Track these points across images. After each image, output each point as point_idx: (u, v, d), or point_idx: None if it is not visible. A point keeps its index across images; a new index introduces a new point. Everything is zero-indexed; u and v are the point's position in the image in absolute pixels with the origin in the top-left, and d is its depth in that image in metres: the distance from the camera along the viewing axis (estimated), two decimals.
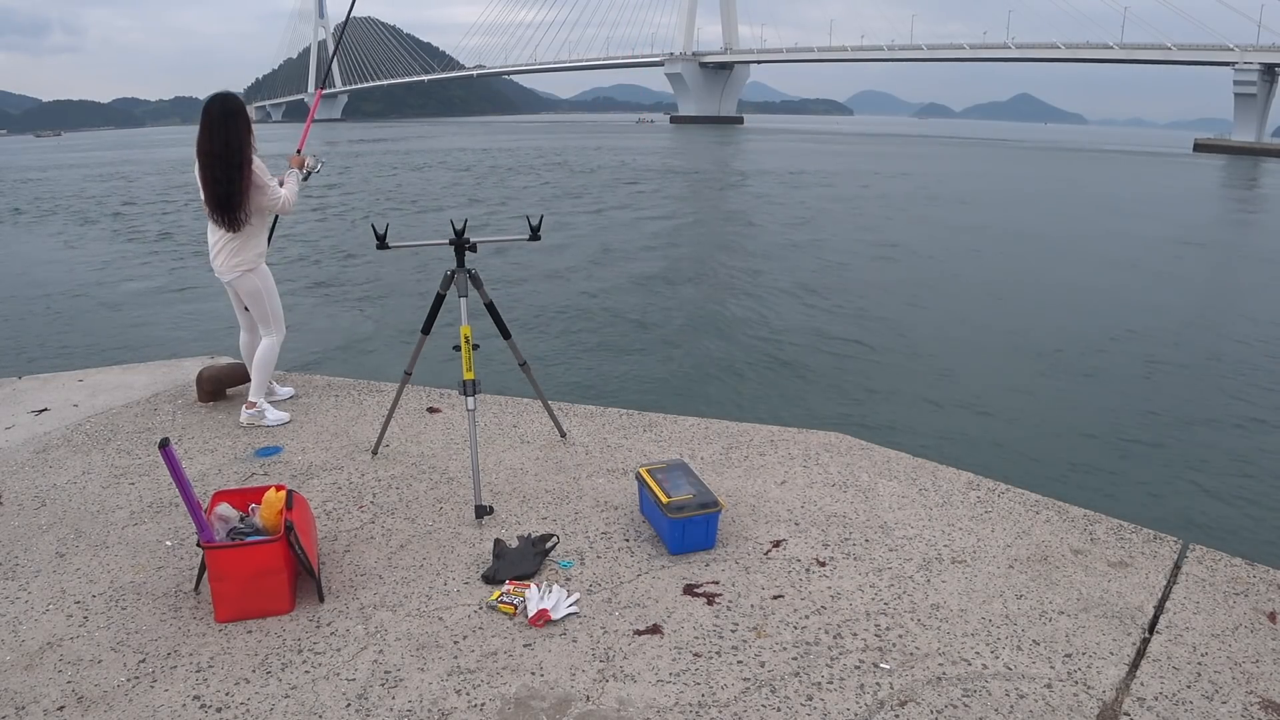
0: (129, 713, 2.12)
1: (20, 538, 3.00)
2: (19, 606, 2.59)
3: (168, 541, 2.97)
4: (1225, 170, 50.30)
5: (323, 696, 2.18)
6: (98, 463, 3.64)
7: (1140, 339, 10.56)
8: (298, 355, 9.50)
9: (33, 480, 3.47)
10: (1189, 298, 13.43)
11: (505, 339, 3.49)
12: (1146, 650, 2.40)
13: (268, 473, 3.53)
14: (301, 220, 21.35)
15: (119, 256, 17.09)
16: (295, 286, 13.65)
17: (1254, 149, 74.03)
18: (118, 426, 4.06)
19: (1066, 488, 5.31)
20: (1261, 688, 2.24)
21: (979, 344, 9.82)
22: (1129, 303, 12.64)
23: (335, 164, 43.73)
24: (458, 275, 3.28)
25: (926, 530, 3.06)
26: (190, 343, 10.06)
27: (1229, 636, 2.46)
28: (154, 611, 2.55)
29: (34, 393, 4.56)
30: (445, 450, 3.77)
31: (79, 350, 10.10)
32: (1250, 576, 2.79)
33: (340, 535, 3.01)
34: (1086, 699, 2.19)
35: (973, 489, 3.41)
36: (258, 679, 2.25)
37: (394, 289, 13.35)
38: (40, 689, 2.21)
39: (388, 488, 3.39)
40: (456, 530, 3.05)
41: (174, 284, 14.01)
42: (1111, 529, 3.09)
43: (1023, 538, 3.02)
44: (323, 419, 4.15)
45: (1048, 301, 12.63)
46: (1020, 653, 2.37)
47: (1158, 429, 7.55)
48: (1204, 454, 7.01)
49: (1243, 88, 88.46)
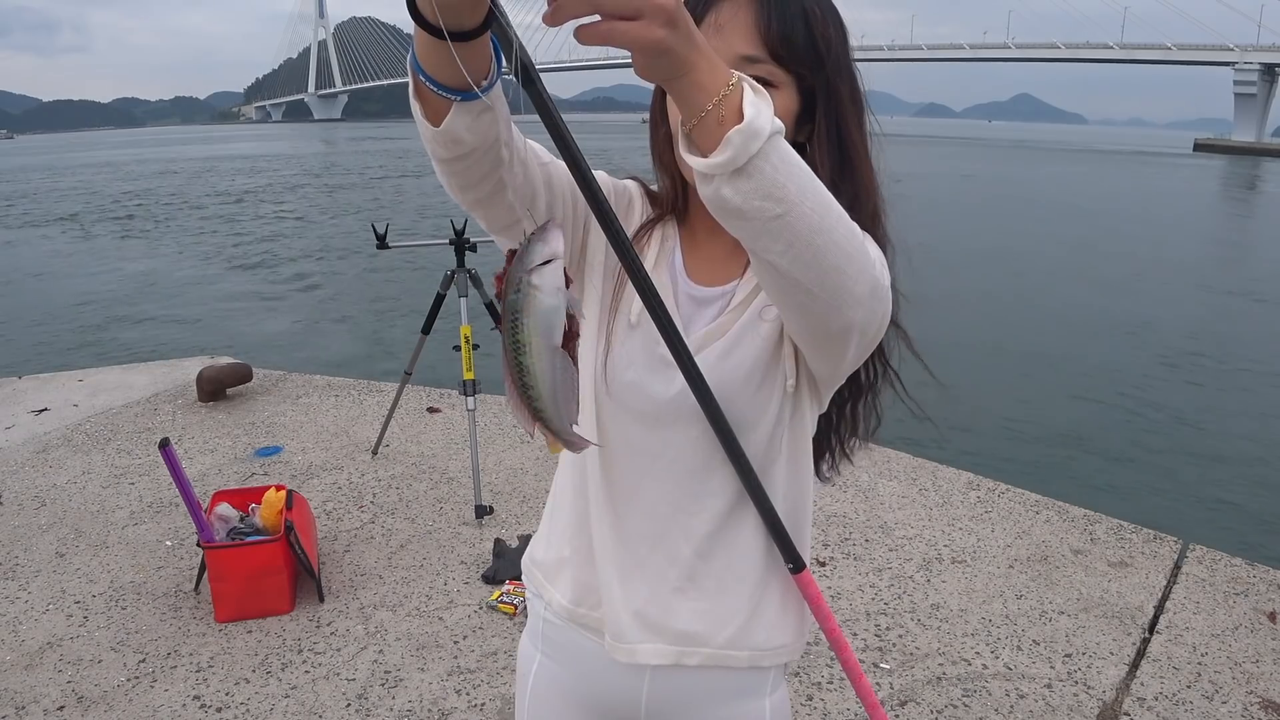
0: (129, 713, 2.12)
1: (20, 538, 3.00)
2: (19, 606, 2.59)
3: (168, 541, 2.97)
4: (1225, 171, 50.32)
5: (323, 696, 2.18)
6: (98, 463, 3.64)
7: (1140, 339, 10.57)
8: (298, 355, 9.50)
9: (33, 480, 3.47)
10: (1189, 297, 13.44)
11: None
12: (1146, 650, 2.40)
13: (268, 473, 3.53)
14: (302, 220, 21.37)
15: (119, 256, 17.11)
16: (295, 286, 13.66)
17: (1254, 149, 74.06)
18: (118, 426, 4.06)
19: (1066, 488, 5.30)
20: (1261, 688, 2.24)
21: (978, 343, 9.83)
22: (1128, 302, 12.65)
23: (336, 164, 43.77)
24: (458, 275, 3.28)
25: (926, 530, 3.06)
26: (190, 343, 10.06)
27: (1229, 636, 2.47)
28: (154, 611, 2.55)
29: (34, 393, 4.56)
30: (445, 450, 3.77)
31: (79, 350, 10.10)
32: (1250, 576, 2.79)
33: (340, 535, 3.01)
34: (1086, 699, 2.19)
35: (973, 489, 3.41)
36: (258, 679, 2.25)
37: (394, 289, 13.35)
38: (40, 689, 2.21)
39: (388, 488, 3.39)
40: (456, 530, 3.05)
41: (174, 284, 14.03)
42: (1111, 529, 3.09)
43: (1023, 538, 3.02)
44: (323, 419, 4.15)
45: (1047, 301, 12.64)
46: (1020, 653, 2.37)
47: (1158, 429, 7.55)
48: (1204, 454, 7.00)
49: (1243, 88, 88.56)
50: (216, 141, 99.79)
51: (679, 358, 0.84)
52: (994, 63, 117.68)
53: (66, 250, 17.91)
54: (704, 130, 0.68)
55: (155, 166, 46.32)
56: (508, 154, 0.79)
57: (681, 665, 0.96)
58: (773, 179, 0.68)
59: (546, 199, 0.87)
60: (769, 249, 0.72)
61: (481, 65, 0.71)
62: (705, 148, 0.69)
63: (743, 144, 0.66)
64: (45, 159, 61.35)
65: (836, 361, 0.85)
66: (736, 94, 0.67)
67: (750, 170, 0.67)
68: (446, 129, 0.73)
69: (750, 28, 0.83)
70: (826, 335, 0.80)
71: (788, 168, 0.69)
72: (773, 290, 0.78)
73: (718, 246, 0.95)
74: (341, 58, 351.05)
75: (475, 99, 0.72)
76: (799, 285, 0.74)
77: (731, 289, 0.93)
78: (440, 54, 0.68)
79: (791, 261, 0.72)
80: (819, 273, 0.73)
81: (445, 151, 0.76)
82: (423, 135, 0.76)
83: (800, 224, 0.70)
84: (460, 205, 0.84)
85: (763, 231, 0.70)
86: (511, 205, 0.83)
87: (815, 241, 0.71)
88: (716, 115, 0.67)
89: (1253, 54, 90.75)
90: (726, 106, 0.67)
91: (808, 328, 0.81)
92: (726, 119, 0.67)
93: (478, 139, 0.74)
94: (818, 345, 0.84)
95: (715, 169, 0.68)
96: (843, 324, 0.78)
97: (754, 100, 0.68)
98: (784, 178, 0.68)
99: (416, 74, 0.71)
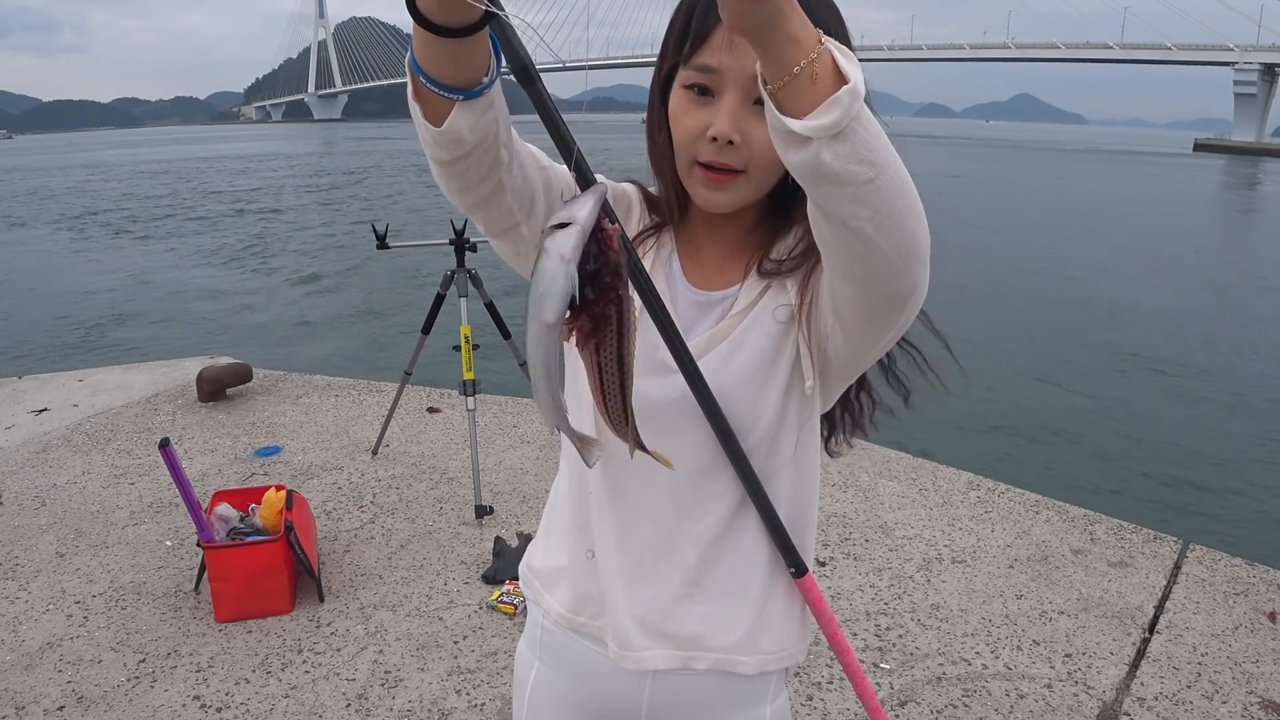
0: (129, 713, 2.12)
1: (20, 538, 3.00)
2: (19, 606, 2.59)
3: (168, 541, 2.97)
4: (1225, 170, 50.31)
5: (323, 696, 2.18)
6: (98, 463, 3.64)
7: (1140, 338, 10.57)
8: (298, 355, 9.50)
9: (33, 480, 3.47)
10: (1189, 297, 13.44)
11: (505, 339, 3.49)
12: (1146, 650, 2.40)
13: (268, 473, 3.53)
14: (301, 220, 21.37)
15: (119, 256, 17.11)
16: (295, 286, 13.66)
17: (1254, 149, 74.06)
18: (118, 426, 4.06)
19: (1066, 488, 5.30)
20: (1261, 688, 2.24)
21: (978, 343, 9.83)
22: (1128, 302, 12.65)
23: (335, 164, 43.77)
24: (458, 275, 3.28)
25: (926, 530, 3.06)
26: (190, 343, 10.06)
27: (1229, 636, 2.46)
28: (154, 611, 2.55)
29: (34, 393, 4.56)
30: (445, 450, 3.77)
31: (79, 350, 10.10)
32: (1250, 576, 2.79)
33: (340, 535, 3.01)
34: (1086, 699, 2.19)
35: (973, 489, 3.41)
36: (258, 679, 2.25)
37: (394, 289, 13.34)
38: (40, 689, 2.21)
39: (388, 488, 3.39)
40: (456, 530, 3.05)
41: (175, 284, 14.02)
42: (1111, 529, 3.09)
43: (1023, 538, 3.02)
44: (323, 419, 4.15)
45: (1047, 301, 12.64)
46: (1020, 653, 2.37)
47: (1158, 429, 7.55)
48: (1204, 454, 7.00)
49: (1243, 88, 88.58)
50: (216, 141, 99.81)
51: (680, 360, 0.84)
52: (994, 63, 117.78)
53: (66, 250, 17.91)
54: (794, 91, 0.65)
55: (155, 166, 46.31)
56: (507, 155, 0.78)
57: (689, 669, 0.95)
58: (865, 141, 0.66)
59: (546, 202, 0.87)
60: (857, 215, 0.69)
61: (482, 61, 0.70)
62: (795, 109, 0.65)
63: (850, 104, 0.63)
64: (44, 159, 61.35)
65: (885, 331, 0.82)
66: (826, 52, 0.65)
67: (848, 133, 0.65)
68: (449, 129, 0.72)
69: None
70: (889, 302, 0.77)
71: (876, 129, 0.67)
72: (846, 260, 0.75)
73: (717, 250, 0.95)
74: (341, 58, 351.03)
75: (477, 96, 0.71)
76: (878, 251, 0.71)
77: (734, 293, 0.92)
78: (440, 52, 0.68)
79: (877, 227, 0.69)
80: (898, 237, 0.71)
81: (446, 153, 0.75)
82: (423, 138, 0.75)
83: (887, 187, 0.68)
84: (459, 208, 0.84)
85: (854, 198, 0.68)
86: (510, 208, 0.83)
87: (898, 205, 0.69)
88: (809, 73, 0.64)
89: (1253, 54, 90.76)
90: (820, 64, 0.64)
91: (871, 297, 0.77)
92: (820, 78, 0.64)
93: (478, 138, 0.74)
94: (876, 315, 0.80)
95: (819, 131, 0.64)
96: (909, 287, 0.75)
97: (848, 58, 0.65)
98: (874, 139, 0.66)
99: (416, 75, 0.71)
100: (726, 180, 0.86)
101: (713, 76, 0.84)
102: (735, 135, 0.83)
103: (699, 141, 0.85)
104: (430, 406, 4.29)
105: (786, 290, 0.91)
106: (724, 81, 0.83)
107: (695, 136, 0.86)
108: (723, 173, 0.86)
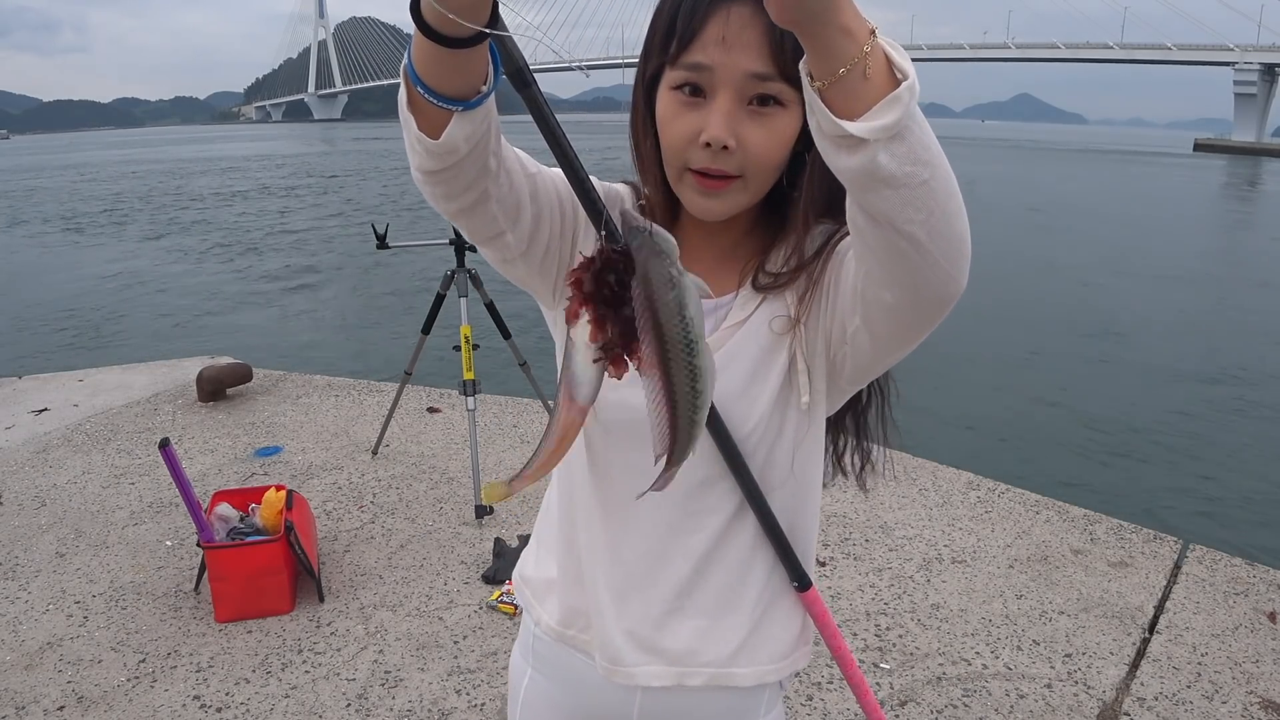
0: (129, 713, 2.12)
1: (20, 538, 3.00)
2: (19, 606, 2.59)
3: (168, 541, 2.97)
4: (1226, 170, 50.30)
5: (323, 696, 2.18)
6: (98, 463, 3.64)
7: (1139, 338, 10.57)
8: (298, 355, 9.50)
9: (33, 480, 3.47)
10: (1189, 297, 13.44)
11: (505, 339, 3.49)
12: (1146, 650, 2.40)
13: (268, 473, 3.53)
14: (302, 220, 21.37)
15: (120, 256, 17.11)
16: (295, 287, 13.66)
17: (1254, 149, 74.06)
18: (118, 426, 4.06)
19: (1066, 488, 5.30)
20: (1261, 688, 2.24)
21: (977, 343, 9.83)
22: (1128, 302, 12.65)
23: (335, 164, 43.76)
24: (458, 275, 3.28)
25: (926, 530, 3.06)
26: (190, 343, 10.06)
27: (1229, 636, 2.47)
28: (154, 611, 2.55)
29: (34, 393, 4.56)
30: (445, 450, 3.77)
31: (79, 350, 10.10)
32: (1250, 576, 2.79)
33: (340, 535, 3.01)
34: (1086, 699, 2.19)
35: (973, 489, 3.41)
36: (258, 679, 2.25)
37: (394, 289, 13.34)
38: (40, 689, 2.21)
39: (388, 488, 3.39)
40: (456, 530, 3.05)
41: (174, 284, 14.02)
42: (1111, 529, 3.09)
43: (1023, 538, 3.02)
44: (323, 419, 4.15)
45: (1047, 301, 12.64)
46: (1020, 653, 2.37)
47: (1158, 429, 7.55)
48: (1204, 454, 7.00)
49: (1243, 88, 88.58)
50: (216, 141, 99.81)
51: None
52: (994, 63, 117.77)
53: (66, 250, 17.91)
54: (846, 88, 0.59)
55: (155, 166, 46.32)
56: (495, 163, 0.75)
57: (683, 686, 0.93)
58: (920, 139, 0.61)
59: (533, 211, 0.82)
60: (911, 219, 0.64)
61: (481, 69, 0.68)
62: (846, 109, 0.60)
63: (909, 102, 0.59)
64: (43, 159, 61.34)
65: (919, 336, 0.78)
66: (879, 45, 0.60)
67: (905, 132, 0.60)
68: (446, 141, 0.69)
69: (761, 43, 0.76)
70: (932, 306, 0.72)
71: (927, 126, 0.62)
72: (891, 265, 0.69)
73: (710, 257, 0.91)
74: (341, 58, 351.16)
75: (477, 106, 0.69)
76: (928, 255, 0.66)
77: (728, 301, 0.89)
78: (442, 63, 0.65)
79: (930, 231, 0.65)
80: (948, 239, 0.66)
81: (437, 163, 0.71)
82: (414, 148, 0.71)
83: (940, 188, 0.63)
84: (443, 215, 0.80)
85: (908, 200, 0.63)
86: (495, 216, 0.79)
87: (949, 206, 0.65)
88: (862, 69, 0.59)
89: (1253, 54, 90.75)
90: (874, 58, 0.59)
91: (914, 301, 0.72)
92: (873, 74, 0.59)
93: (471, 146, 0.71)
94: (917, 320, 0.75)
95: (879, 133, 0.59)
96: (956, 290, 0.70)
97: (898, 51, 0.61)
98: (928, 137, 0.61)
99: (414, 86, 0.68)
100: (722, 186, 0.82)
101: (704, 75, 0.78)
102: (730, 140, 0.78)
103: (691, 147, 0.80)
104: (430, 406, 4.29)
105: (784, 299, 0.87)
106: (716, 80, 0.78)
107: (687, 142, 0.80)
108: (718, 179, 0.81)
